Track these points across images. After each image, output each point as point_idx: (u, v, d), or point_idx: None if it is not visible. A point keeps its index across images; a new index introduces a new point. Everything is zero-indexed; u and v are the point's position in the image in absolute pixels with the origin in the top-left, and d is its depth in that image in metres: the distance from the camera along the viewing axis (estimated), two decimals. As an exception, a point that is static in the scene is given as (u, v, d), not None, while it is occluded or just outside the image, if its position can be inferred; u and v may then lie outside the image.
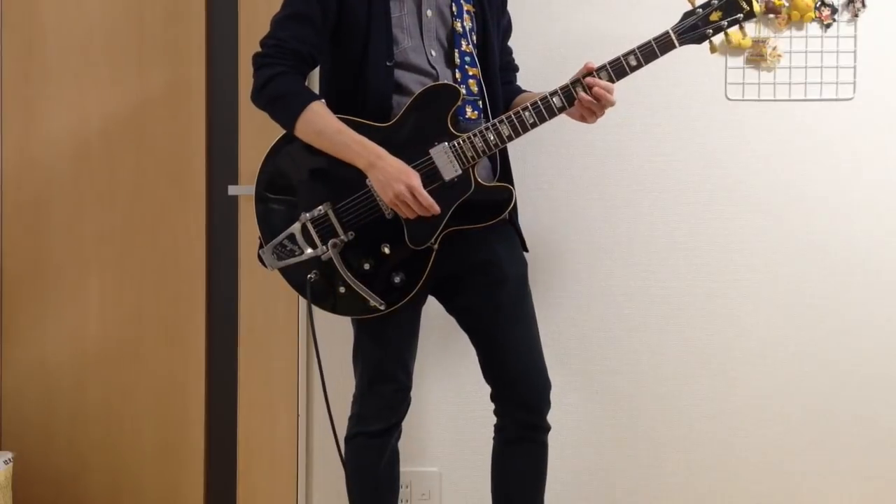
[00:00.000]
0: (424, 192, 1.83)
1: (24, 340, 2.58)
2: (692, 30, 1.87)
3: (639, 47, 1.86)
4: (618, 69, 1.87)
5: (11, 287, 2.58)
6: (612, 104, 1.90)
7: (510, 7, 2.16)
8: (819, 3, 2.39)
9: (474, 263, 1.96)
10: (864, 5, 2.39)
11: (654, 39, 1.86)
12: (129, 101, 2.55)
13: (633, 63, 1.86)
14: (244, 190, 2.44)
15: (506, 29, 2.14)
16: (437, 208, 1.84)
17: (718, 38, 1.91)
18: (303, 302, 2.47)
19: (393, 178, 1.82)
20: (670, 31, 1.86)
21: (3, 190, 2.58)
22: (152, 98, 2.55)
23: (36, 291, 2.57)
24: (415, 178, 1.83)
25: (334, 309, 1.95)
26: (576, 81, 1.87)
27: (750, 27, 2.41)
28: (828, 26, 2.41)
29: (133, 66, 2.55)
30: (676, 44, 1.86)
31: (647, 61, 1.86)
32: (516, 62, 2.21)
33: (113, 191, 2.56)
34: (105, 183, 2.56)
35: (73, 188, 2.56)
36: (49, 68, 2.55)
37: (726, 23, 1.87)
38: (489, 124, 1.87)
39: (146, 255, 2.56)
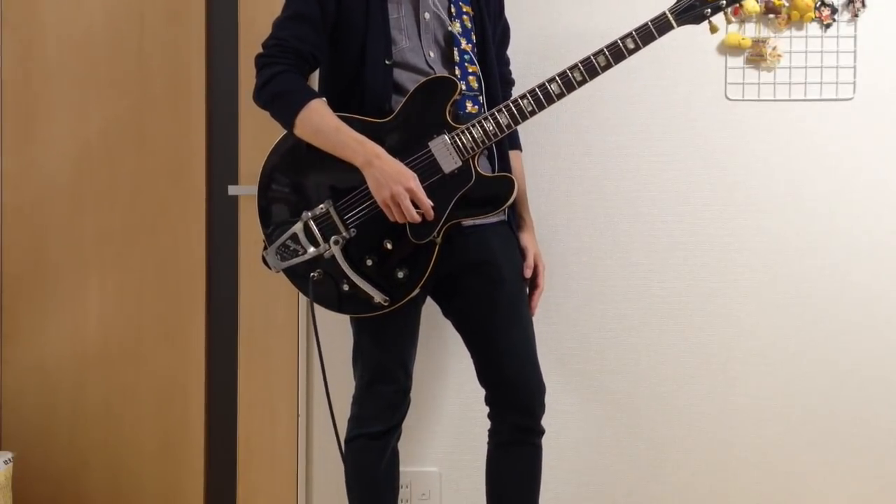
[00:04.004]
0: (423, 195, 1.83)
1: (24, 340, 2.58)
2: (689, 9, 1.86)
3: (636, 30, 1.85)
4: (615, 52, 1.85)
5: (11, 287, 2.58)
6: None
7: (511, 11, 2.16)
8: (819, 3, 2.39)
9: (471, 264, 1.96)
10: (864, 5, 2.39)
11: (652, 21, 1.85)
12: (129, 101, 2.55)
13: (631, 46, 1.85)
14: (244, 190, 2.44)
15: (502, 37, 2.13)
16: (431, 214, 1.83)
17: (719, 18, 1.89)
18: (303, 301, 2.47)
19: (391, 180, 1.82)
20: (667, 12, 1.86)
21: (3, 190, 2.58)
22: (152, 98, 2.55)
23: (36, 291, 2.57)
24: (413, 181, 1.82)
25: (339, 308, 1.95)
26: (573, 67, 1.86)
27: (750, 27, 2.42)
28: (828, 26, 2.41)
29: (133, 66, 2.55)
30: (674, 24, 1.85)
31: (645, 43, 1.85)
32: (516, 71, 2.19)
33: (113, 191, 2.56)
34: (105, 183, 2.56)
35: (73, 188, 2.56)
36: (49, 68, 2.55)
37: (724, 1, 1.86)
38: (487, 114, 1.87)
39: (146, 255, 2.56)
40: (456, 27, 1.96)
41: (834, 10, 2.40)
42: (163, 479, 2.58)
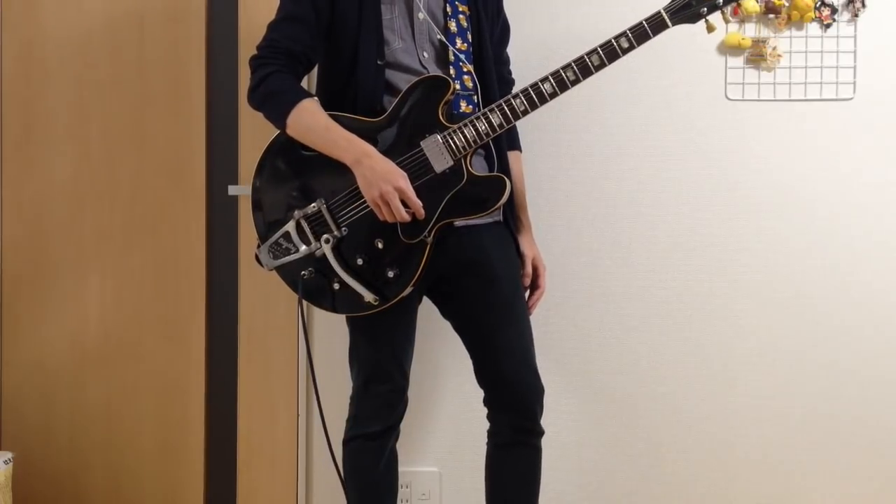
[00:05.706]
0: (412, 194, 1.82)
1: (24, 340, 2.58)
2: (685, 8, 1.83)
3: (630, 28, 1.83)
4: (609, 52, 1.83)
5: (11, 287, 2.58)
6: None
7: (510, 11, 2.15)
8: (819, 3, 2.39)
9: (465, 264, 1.95)
10: (864, 5, 2.40)
11: (646, 20, 1.83)
12: (129, 101, 2.55)
13: (625, 45, 1.83)
14: (244, 190, 2.44)
15: (501, 35, 2.12)
16: (421, 213, 1.83)
17: (717, 17, 1.86)
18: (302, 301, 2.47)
19: (380, 178, 1.81)
20: (662, 11, 1.83)
21: (2, 190, 2.58)
22: (152, 98, 2.55)
23: (36, 291, 2.57)
24: (402, 180, 1.82)
25: (331, 307, 1.95)
26: (567, 66, 1.84)
27: (750, 27, 2.42)
28: (828, 26, 2.41)
29: (133, 66, 2.55)
30: (669, 23, 1.83)
31: (640, 43, 1.83)
32: (514, 73, 2.17)
33: (113, 191, 2.56)
34: (105, 183, 2.56)
35: (73, 188, 2.56)
36: (49, 68, 2.55)
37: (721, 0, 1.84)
38: (479, 113, 1.86)
39: (146, 254, 2.56)
40: (451, 26, 1.96)
41: (834, 10, 2.40)
42: (163, 479, 2.58)
